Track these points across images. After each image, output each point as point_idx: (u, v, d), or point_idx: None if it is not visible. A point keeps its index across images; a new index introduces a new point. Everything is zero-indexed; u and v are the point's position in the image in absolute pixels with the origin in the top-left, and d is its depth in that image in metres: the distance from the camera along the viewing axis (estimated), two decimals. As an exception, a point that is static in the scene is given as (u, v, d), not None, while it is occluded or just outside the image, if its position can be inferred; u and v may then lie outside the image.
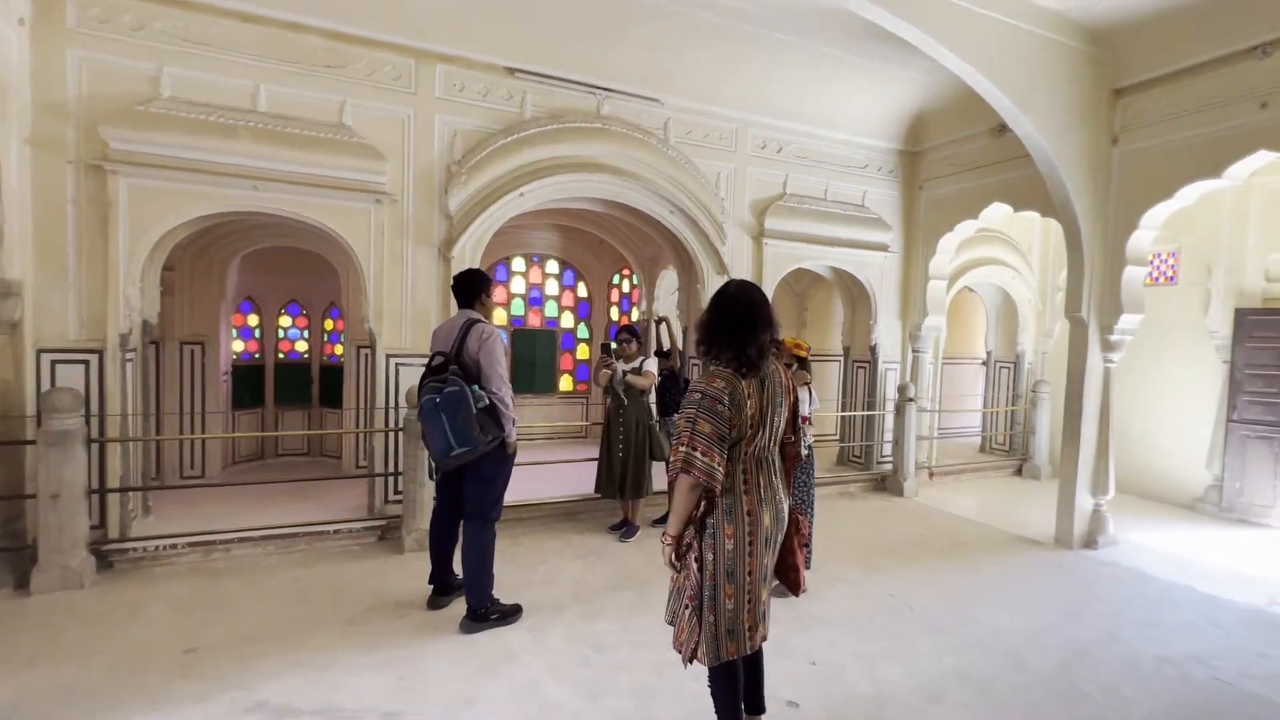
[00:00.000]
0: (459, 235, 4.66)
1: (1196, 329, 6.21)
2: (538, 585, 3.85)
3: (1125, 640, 3.39)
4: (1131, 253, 4.71)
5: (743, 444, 1.96)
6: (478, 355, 3.08)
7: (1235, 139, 4.11)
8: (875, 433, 6.73)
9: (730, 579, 1.97)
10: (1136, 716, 2.70)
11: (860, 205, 6.44)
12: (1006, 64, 4.37)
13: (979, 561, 4.57)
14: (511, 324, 8.12)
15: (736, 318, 1.98)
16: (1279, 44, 3.88)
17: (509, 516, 4.83)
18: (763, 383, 1.99)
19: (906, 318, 6.76)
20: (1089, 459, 4.92)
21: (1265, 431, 5.71)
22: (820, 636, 3.28)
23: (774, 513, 2.03)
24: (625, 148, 5.21)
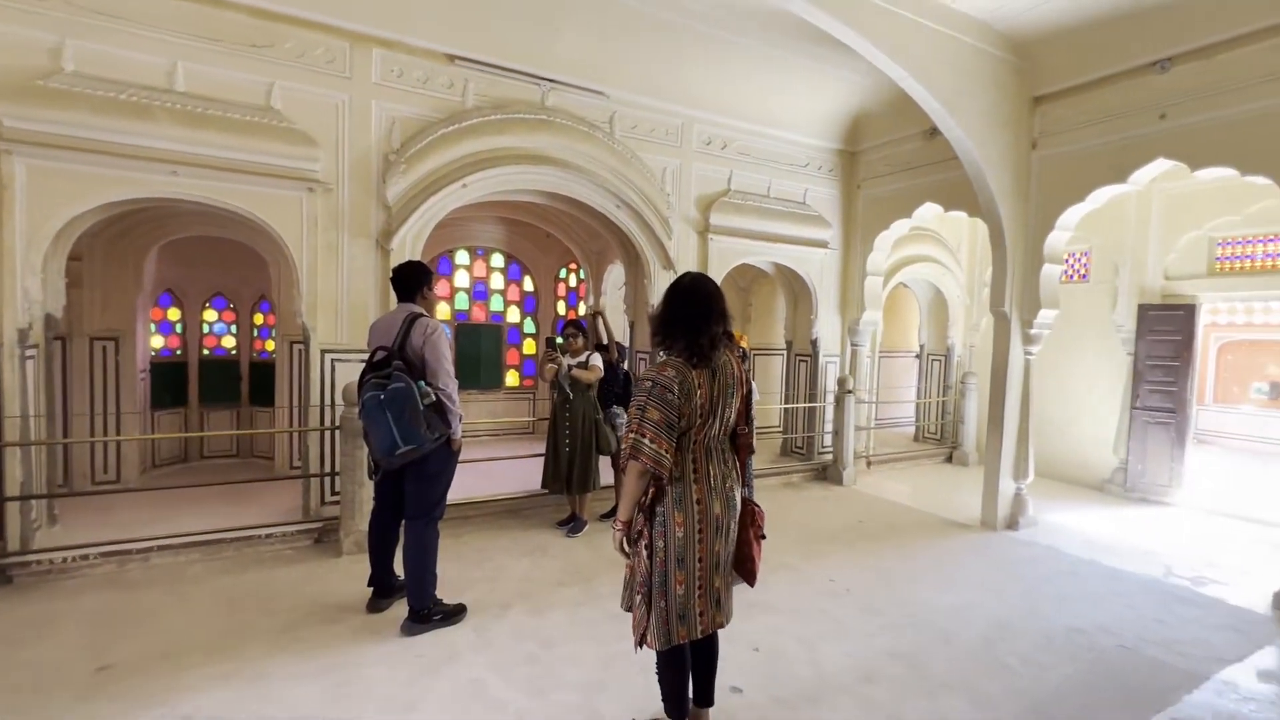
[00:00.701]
0: (398, 226, 4.51)
1: (1105, 323, 6.69)
2: (483, 583, 3.79)
3: (1041, 614, 3.64)
4: (1049, 251, 5.02)
5: (692, 432, 2.00)
6: (422, 350, 3.00)
7: (1138, 147, 4.44)
8: (816, 424, 6.95)
9: (681, 565, 2.01)
10: (1050, 683, 2.90)
11: (802, 203, 6.61)
12: (937, 69, 4.57)
13: (912, 545, 4.80)
14: (455, 318, 7.93)
15: (690, 309, 2.02)
16: (1176, 60, 4.21)
17: (454, 515, 4.75)
18: (714, 373, 2.02)
19: (845, 313, 6.99)
20: (1011, 446, 5.23)
21: (1163, 418, 6.23)
22: (764, 623, 3.37)
23: (724, 501, 2.08)
24: (570, 140, 5.16)
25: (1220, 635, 3.42)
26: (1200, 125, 4.14)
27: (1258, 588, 4.03)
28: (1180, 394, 6.15)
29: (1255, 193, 5.35)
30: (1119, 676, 2.98)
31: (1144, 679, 2.97)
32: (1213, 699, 2.80)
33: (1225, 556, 4.70)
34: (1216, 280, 6.14)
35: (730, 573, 2.17)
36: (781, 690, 2.75)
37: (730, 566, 2.16)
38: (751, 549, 2.18)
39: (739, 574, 2.22)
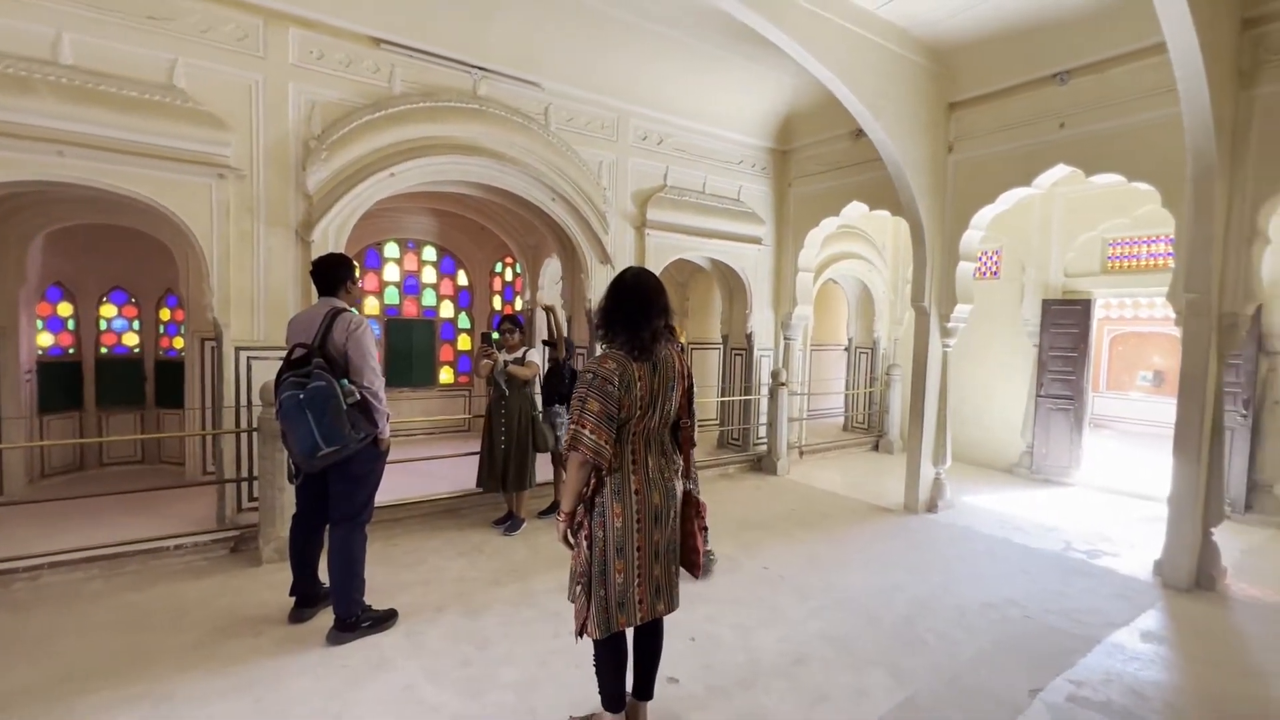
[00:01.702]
0: (320, 217, 4.29)
1: (1014, 317, 7.18)
2: (416, 587, 3.68)
3: (957, 591, 3.87)
4: (964, 249, 5.33)
5: (632, 424, 2.04)
6: (345, 347, 2.86)
7: (1041, 153, 4.77)
8: (752, 416, 7.12)
9: (620, 555, 2.05)
10: (964, 655, 3.09)
11: (736, 200, 6.73)
12: (861, 73, 4.75)
13: (841, 531, 5.00)
14: (385, 313, 7.63)
15: (632, 304, 2.05)
16: (1074, 73, 4.55)
17: (385, 517, 4.59)
18: (655, 366, 2.06)
19: (779, 307, 7.19)
20: (930, 433, 5.53)
21: (1064, 404, 6.75)
22: (700, 612, 3.43)
23: (664, 492, 2.12)
24: (504, 131, 5.05)
25: (1111, 602, 3.75)
26: (1094, 134, 4.49)
27: (1142, 558, 4.43)
28: (1078, 382, 6.67)
29: (1141, 197, 5.82)
30: (1024, 645, 3.22)
31: (1046, 646, 3.21)
32: (1103, 660, 3.07)
33: (1116, 530, 5.14)
34: (1109, 278, 6.70)
35: (675, 563, 2.21)
36: (717, 678, 2.80)
37: (674, 556, 2.20)
38: (695, 540, 2.23)
39: (683, 565, 2.26)
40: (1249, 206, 3.83)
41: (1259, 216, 3.81)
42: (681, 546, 2.23)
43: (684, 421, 2.24)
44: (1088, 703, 2.71)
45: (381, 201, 4.86)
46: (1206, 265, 3.88)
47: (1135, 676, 2.94)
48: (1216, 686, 2.89)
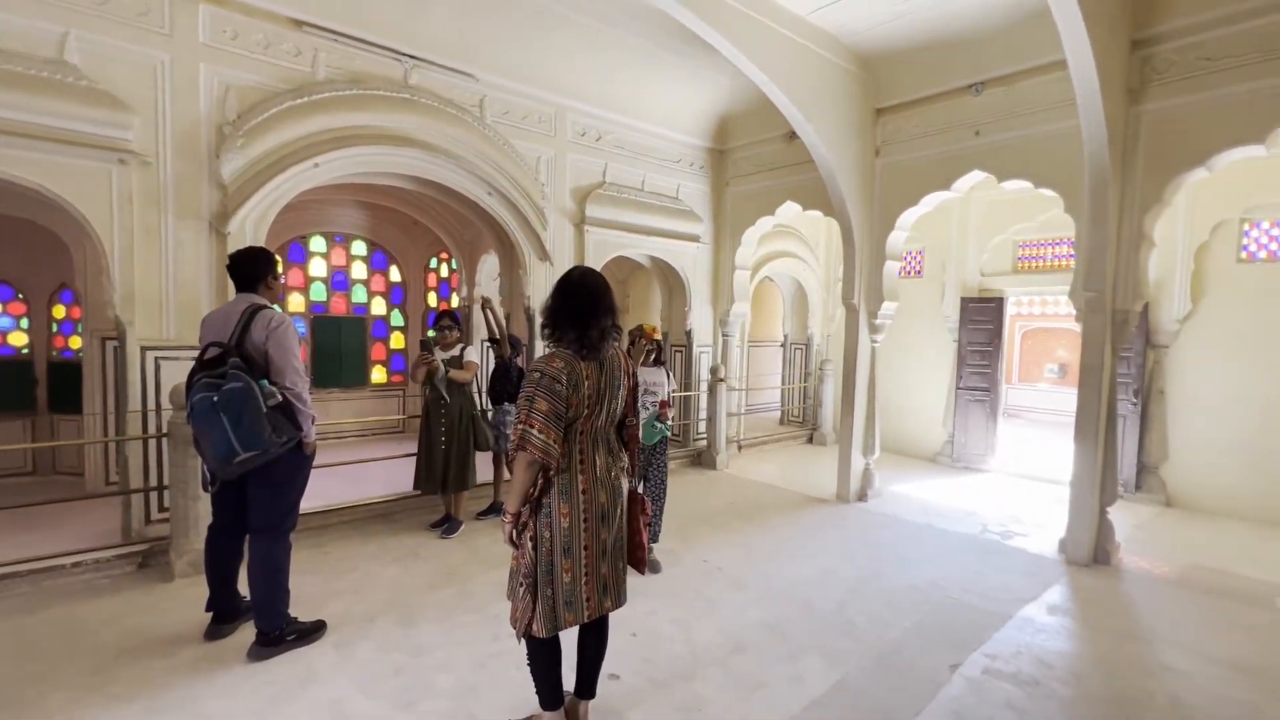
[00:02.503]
0: (236, 208, 4.03)
1: (936, 314, 7.58)
2: (346, 595, 3.53)
3: (885, 575, 4.06)
4: (890, 249, 5.58)
5: (579, 423, 2.04)
6: (266, 346, 2.70)
7: (958, 159, 5.05)
8: (691, 412, 7.22)
9: (567, 555, 2.05)
10: (891, 635, 3.25)
11: (675, 198, 6.79)
12: (794, 77, 4.88)
13: (778, 521, 5.15)
14: (312, 311, 7.27)
15: (580, 303, 2.05)
16: (987, 84, 4.84)
17: (314, 524, 4.39)
18: (602, 365, 2.07)
19: (717, 305, 7.31)
20: (860, 425, 5.77)
21: (980, 396, 7.19)
22: (642, 608, 3.45)
23: (610, 491, 2.13)
24: (437, 122, 4.90)
25: (1021, 580, 4.03)
26: (1005, 143, 4.79)
27: (1049, 537, 4.77)
28: (993, 375, 7.13)
29: (1046, 203, 6.25)
30: (946, 624, 3.41)
31: (965, 623, 3.42)
32: (1015, 634, 3.30)
33: (1027, 512, 5.53)
34: (1019, 277, 7.18)
35: (622, 560, 2.23)
36: (657, 672, 2.83)
37: (621, 554, 2.22)
38: (641, 536, 2.27)
39: (629, 562, 2.28)
40: (1137, 213, 4.19)
41: (1145, 222, 4.18)
42: (627, 544, 2.26)
43: (630, 420, 2.26)
44: (1000, 674, 2.90)
45: (306, 193, 4.63)
46: (1102, 266, 4.22)
47: (1042, 647, 3.17)
48: (1111, 652, 3.16)
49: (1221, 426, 5.63)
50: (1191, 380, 5.80)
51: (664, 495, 4.10)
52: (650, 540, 4.06)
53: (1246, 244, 5.62)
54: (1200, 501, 5.71)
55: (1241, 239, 5.63)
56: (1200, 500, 5.71)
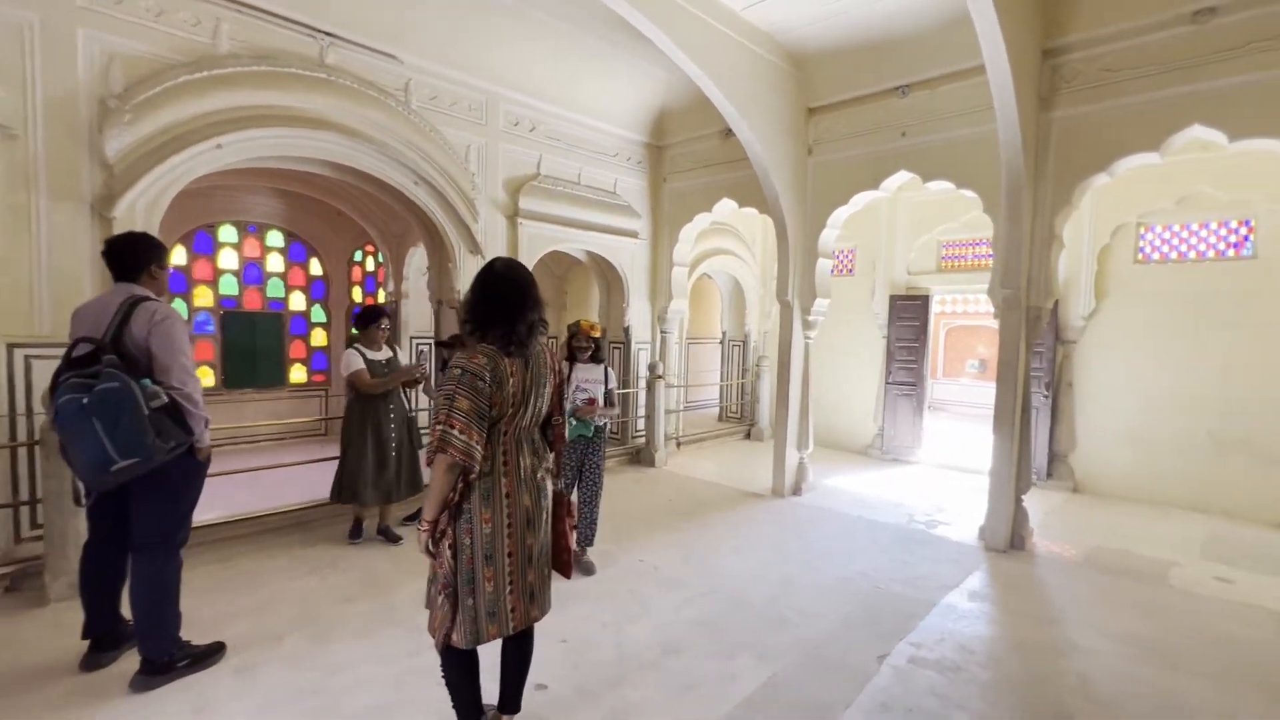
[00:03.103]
0: (124, 190, 3.65)
1: (867, 311, 7.81)
2: (252, 613, 3.25)
3: (817, 568, 4.11)
4: (822, 247, 5.68)
5: (503, 423, 1.92)
6: (148, 341, 2.42)
7: (886, 159, 5.19)
8: (630, 409, 7.15)
9: (489, 562, 1.93)
10: (822, 628, 3.28)
11: (612, 192, 6.70)
12: (729, 73, 4.88)
13: (714, 517, 5.15)
14: (221, 305, 6.75)
15: (505, 296, 1.94)
16: (913, 87, 4.98)
17: (217, 537, 4.07)
18: (527, 362, 1.96)
19: (655, 301, 7.27)
20: (795, 420, 5.86)
21: (907, 390, 7.46)
22: (574, 612, 3.35)
23: (534, 493, 2.02)
24: (357, 105, 4.61)
25: (945, 567, 4.17)
26: (929, 144, 4.95)
27: (970, 525, 4.97)
28: (919, 370, 7.40)
29: (968, 204, 6.53)
30: (874, 614, 3.47)
31: (892, 612, 3.49)
32: (939, 621, 3.39)
33: (950, 502, 5.76)
34: (943, 276, 7.48)
35: (547, 565, 2.12)
36: (586, 679, 2.74)
37: (547, 559, 2.12)
38: (567, 540, 2.18)
39: (555, 568, 2.19)
40: (1048, 214, 4.41)
41: (1056, 223, 4.40)
42: (553, 547, 2.16)
43: (556, 419, 2.16)
44: (924, 662, 2.96)
45: (212, 178, 4.28)
46: (1018, 265, 4.41)
47: (964, 633, 3.27)
48: (1026, 635, 3.29)
49: (1120, 417, 6.04)
50: (1095, 374, 6.20)
51: (599, 495, 4.00)
52: (585, 542, 3.97)
53: (1143, 246, 6.04)
54: (1103, 487, 6.11)
55: (1138, 242, 6.05)
56: (1103, 485, 6.11)
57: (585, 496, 3.95)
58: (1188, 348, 5.70)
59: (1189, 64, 3.82)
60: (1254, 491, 5.37)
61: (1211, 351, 5.58)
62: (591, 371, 3.90)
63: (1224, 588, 3.96)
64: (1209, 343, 5.60)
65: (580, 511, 3.96)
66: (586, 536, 3.96)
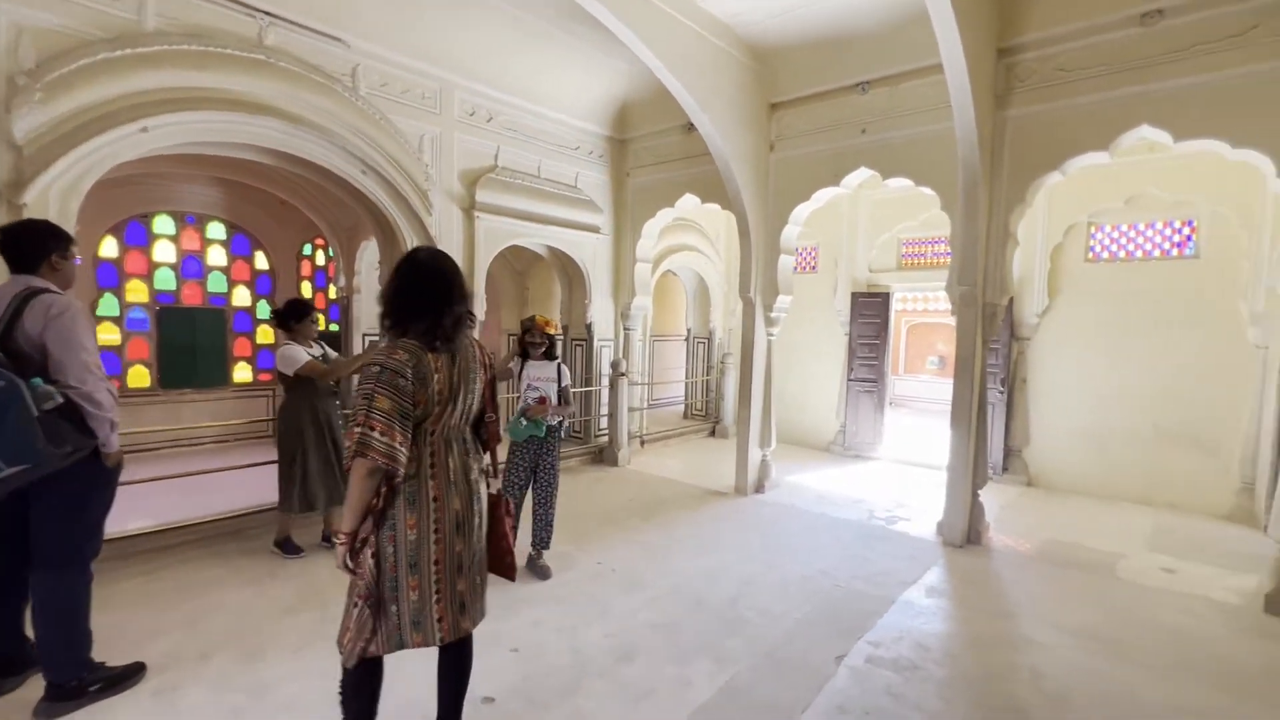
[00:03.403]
0: (36, 174, 3.37)
1: (829, 308, 7.85)
2: (179, 629, 3.04)
3: (778, 566, 4.07)
4: (784, 243, 5.65)
5: (429, 423, 1.80)
6: (43, 337, 2.21)
7: (847, 156, 5.18)
8: (593, 407, 7.03)
9: (414, 570, 1.81)
10: (782, 629, 3.22)
11: (573, 186, 6.56)
12: (691, 66, 4.80)
13: (676, 517, 5.07)
14: (157, 300, 6.38)
15: (430, 286, 1.82)
16: (873, 84, 4.98)
17: (144, 548, 3.83)
18: (454, 357, 1.84)
19: (618, 297, 7.16)
20: (758, 417, 5.82)
21: (869, 387, 7.52)
22: (526, 618, 3.23)
23: (466, 496, 1.90)
24: (301, 90, 4.38)
25: (904, 563, 4.17)
26: (889, 141, 4.95)
27: (928, 521, 5.01)
28: (880, 366, 7.47)
29: (927, 202, 6.59)
30: (834, 612, 3.44)
31: (852, 610, 3.46)
32: (897, 619, 3.37)
33: (910, 498, 5.80)
34: (903, 273, 7.56)
35: (481, 572, 2.00)
36: (537, 689, 2.62)
37: (481, 566, 2.00)
38: (507, 543, 2.07)
39: (497, 572, 2.09)
40: (1003, 212, 4.45)
41: (1011, 221, 4.45)
42: (494, 551, 2.05)
43: (489, 416, 2.05)
44: (882, 661, 2.93)
45: (144, 164, 4.01)
46: (974, 261, 4.44)
47: (921, 630, 3.26)
48: (981, 630, 3.30)
49: (1072, 412, 6.18)
50: (1048, 370, 6.33)
51: (555, 497, 3.88)
52: (541, 545, 3.84)
53: (1093, 245, 6.19)
54: (1056, 481, 6.24)
55: (1089, 241, 6.20)
56: (1056, 479, 6.25)
57: (540, 498, 3.83)
58: (1135, 344, 5.86)
59: (1138, 65, 3.89)
60: (1196, 484, 5.56)
61: (1157, 348, 5.75)
62: (544, 369, 3.77)
63: (1169, 578, 4.06)
64: (1155, 340, 5.76)
65: (536, 514, 3.83)
66: (542, 539, 3.84)
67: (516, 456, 3.77)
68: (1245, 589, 3.88)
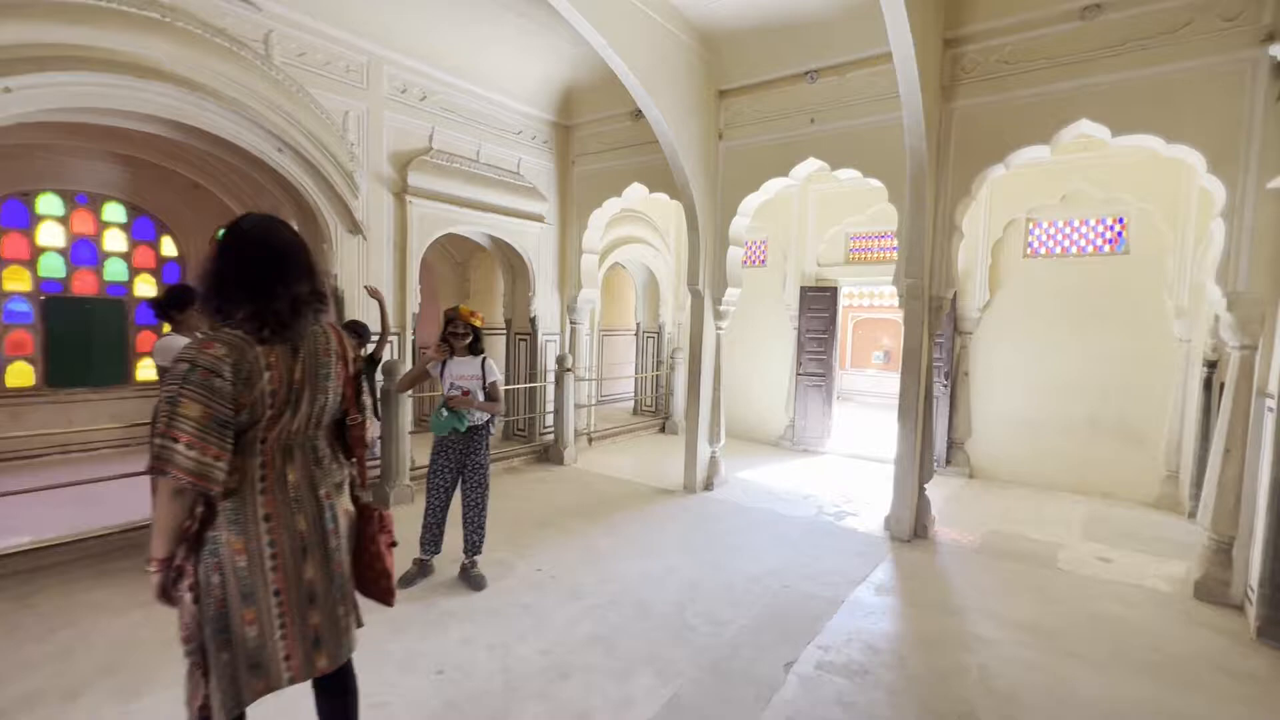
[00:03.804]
0: None
1: (779, 302, 7.80)
2: (48, 664, 2.64)
3: (726, 567, 3.93)
4: (733, 235, 5.52)
5: (260, 429, 1.48)
6: None
7: (796, 146, 5.07)
8: (538, 404, 6.76)
9: (248, 602, 1.48)
10: (728, 636, 3.07)
11: (515, 172, 6.25)
12: (637, 48, 4.58)
13: (623, 517, 4.88)
14: (41, 290, 5.71)
15: (258, 262, 1.49)
16: (821, 73, 4.88)
17: (22, 567, 3.47)
18: (296, 349, 1.52)
19: (564, 290, 6.90)
20: (707, 413, 5.68)
21: (817, 381, 7.51)
22: (454, 635, 2.97)
23: (315, 513, 1.58)
24: (202, 55, 3.94)
25: (852, 561, 4.10)
26: (838, 132, 4.87)
27: (876, 516, 4.98)
28: (828, 361, 7.47)
29: (874, 196, 6.63)
30: (783, 615, 3.31)
31: (801, 613, 3.34)
32: (846, 620, 3.27)
33: (858, 492, 5.78)
34: (851, 268, 7.57)
35: (346, 602, 1.67)
36: (462, 718, 2.37)
37: (346, 593, 1.67)
38: (384, 562, 1.74)
39: (371, 596, 1.76)
40: (949, 205, 4.42)
41: (956, 214, 4.43)
42: (366, 573, 1.73)
43: (352, 417, 1.71)
44: (832, 667, 2.81)
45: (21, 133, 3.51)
46: (921, 253, 4.41)
47: (870, 630, 3.17)
48: (929, 628, 3.24)
49: (1009, 404, 6.31)
50: (989, 363, 6.44)
51: (485, 499, 3.60)
52: (473, 552, 3.57)
53: (1031, 241, 6.32)
54: (996, 472, 6.37)
55: (1028, 236, 6.33)
56: (995, 471, 6.37)
57: (469, 501, 3.55)
58: (1070, 338, 6.01)
59: (1078, 59, 3.90)
60: (1126, 472, 5.74)
61: (1090, 341, 5.91)
62: (468, 366, 3.49)
63: (1105, 567, 4.13)
64: (1088, 333, 5.92)
65: (465, 518, 3.56)
66: (474, 545, 3.57)
67: (441, 457, 3.49)
68: (1175, 576, 3.98)
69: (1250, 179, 3.43)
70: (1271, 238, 3.39)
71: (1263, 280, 3.41)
